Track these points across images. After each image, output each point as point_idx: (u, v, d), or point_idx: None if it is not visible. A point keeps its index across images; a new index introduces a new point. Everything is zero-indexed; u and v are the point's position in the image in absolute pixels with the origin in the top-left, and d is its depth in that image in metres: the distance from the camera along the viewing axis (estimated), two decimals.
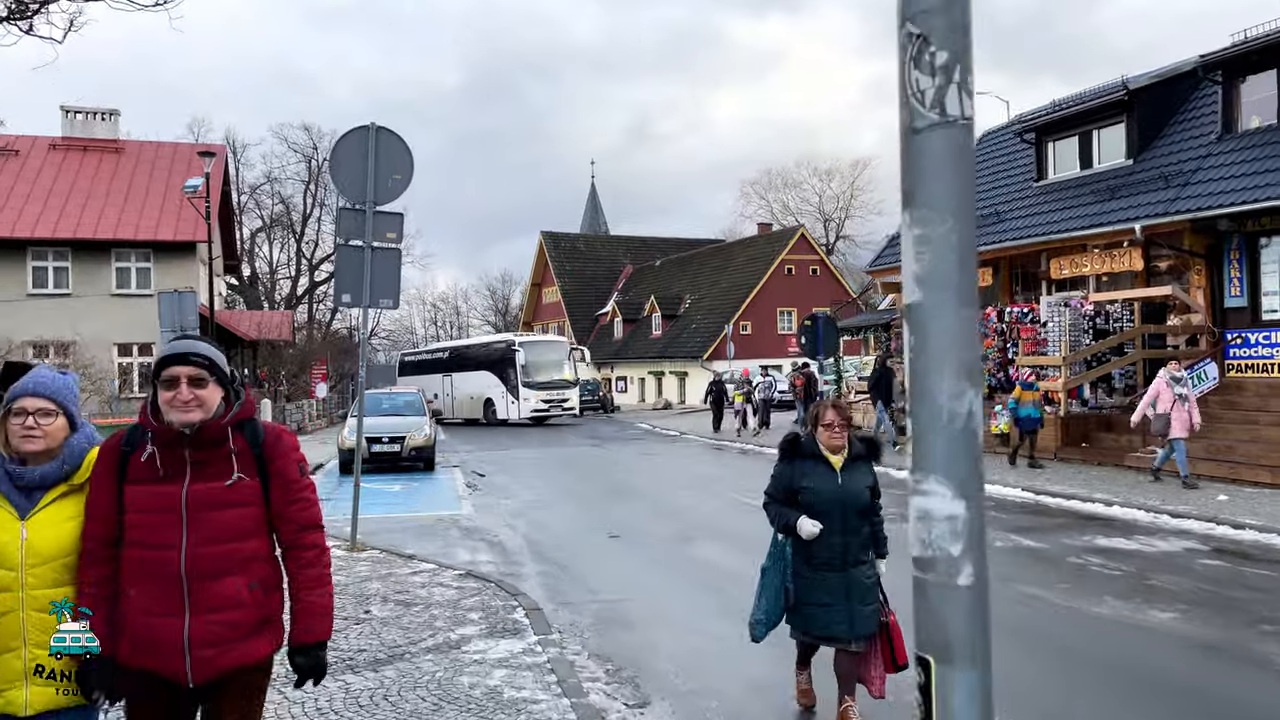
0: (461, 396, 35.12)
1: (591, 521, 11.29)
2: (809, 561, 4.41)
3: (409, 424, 17.69)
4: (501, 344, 34.83)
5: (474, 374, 34.38)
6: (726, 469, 17.26)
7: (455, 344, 42.13)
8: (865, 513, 4.47)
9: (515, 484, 15.47)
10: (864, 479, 4.47)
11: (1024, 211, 19.39)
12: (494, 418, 32.86)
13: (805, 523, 4.33)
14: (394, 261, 9.35)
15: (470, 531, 10.64)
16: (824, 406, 4.60)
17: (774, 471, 4.63)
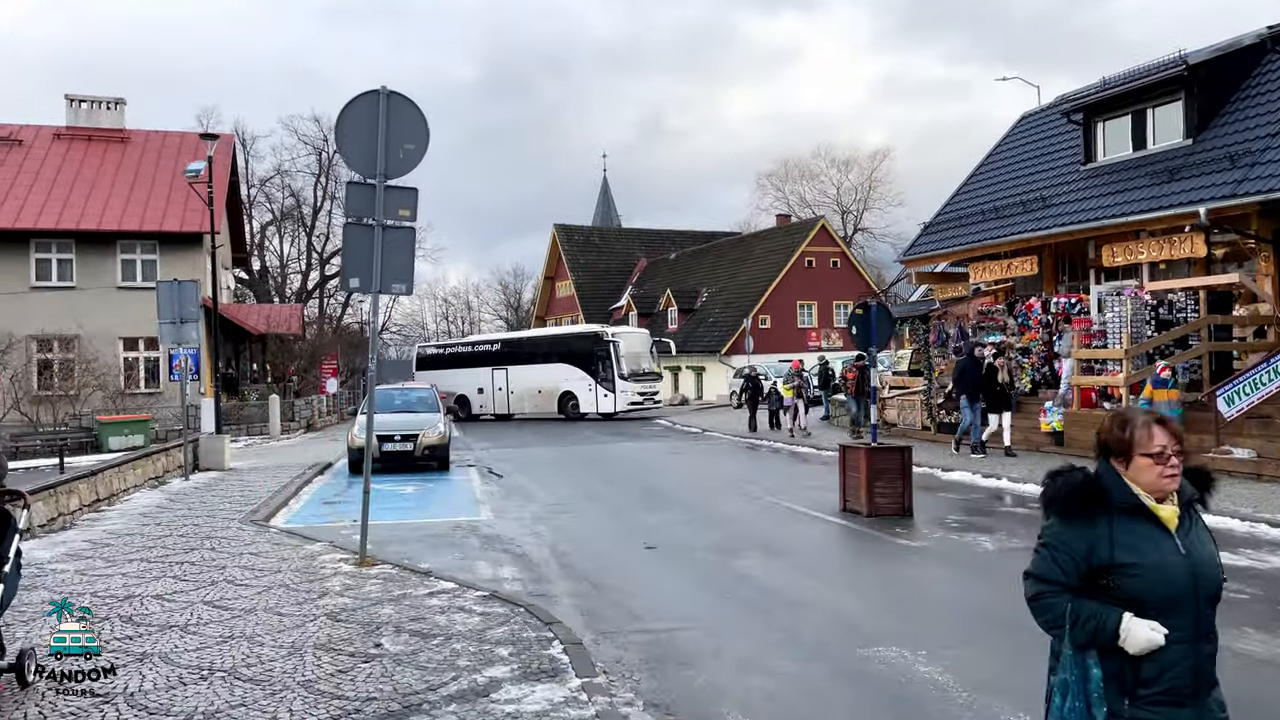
0: (524, 390, 33.39)
1: (623, 529, 10.32)
2: (1136, 691, 2.48)
3: (422, 421, 16.77)
4: (588, 334, 33.63)
5: (545, 367, 32.84)
6: (761, 470, 16.26)
7: (512, 335, 39.50)
8: (1216, 600, 2.58)
9: (535, 485, 14.52)
10: (1207, 541, 2.61)
11: (1071, 196, 18.28)
12: (574, 411, 31.74)
13: (1138, 628, 2.44)
14: (407, 242, 8.39)
15: (491, 541, 9.69)
16: (1143, 423, 2.59)
17: (1050, 538, 2.64)
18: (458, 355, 37.04)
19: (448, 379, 34.07)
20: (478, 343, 38.36)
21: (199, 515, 11.17)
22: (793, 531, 9.77)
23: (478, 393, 34.44)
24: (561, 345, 33.70)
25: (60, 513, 10.42)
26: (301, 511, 12.03)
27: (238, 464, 17.70)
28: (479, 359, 35.47)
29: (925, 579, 7.55)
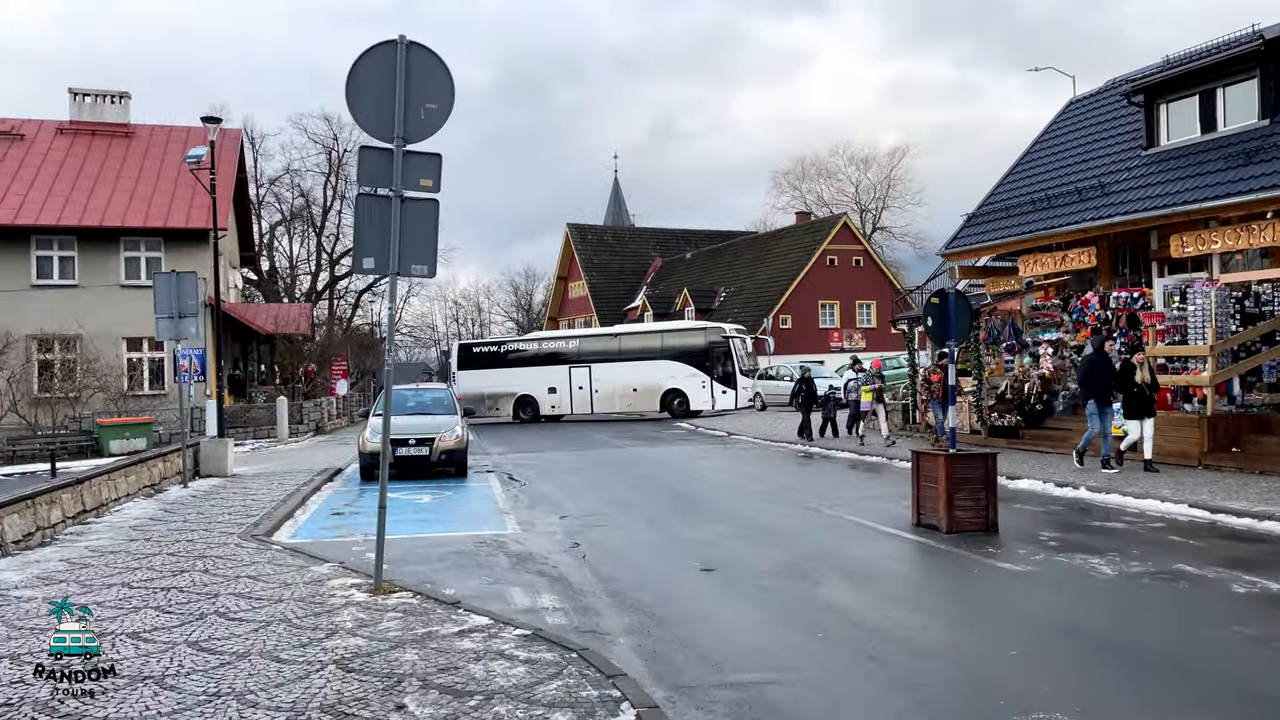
0: (614, 389, 31.89)
1: (667, 545, 9.15)
2: None
3: (439, 424, 15.64)
4: (706, 329, 32.59)
5: (644, 364, 31.45)
6: (807, 477, 15.07)
7: (598, 331, 37.28)
8: None
9: (560, 493, 13.37)
10: None
11: (1132, 183, 17.02)
12: (680, 410, 30.69)
13: None
14: (430, 216, 7.25)
15: (521, 560, 8.53)
16: None
17: None
18: (519, 353, 34.57)
19: (504, 378, 32.65)
20: (546, 339, 36.08)
21: (195, 529, 10.06)
22: (867, 550, 8.58)
23: (548, 392, 32.58)
24: (670, 341, 32.39)
25: (39, 526, 9.31)
26: (308, 524, 10.90)
27: (242, 469, 16.62)
28: (550, 357, 33.39)
29: (1048, 614, 6.34)
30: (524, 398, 32.75)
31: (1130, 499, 10.83)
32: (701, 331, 32.55)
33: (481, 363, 33.93)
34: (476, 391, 32.60)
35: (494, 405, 33.13)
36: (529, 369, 32.92)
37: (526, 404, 32.80)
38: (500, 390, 32.80)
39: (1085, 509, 10.64)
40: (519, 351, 34.34)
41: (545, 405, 32.69)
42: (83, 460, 22.55)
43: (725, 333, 31.68)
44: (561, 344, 34.24)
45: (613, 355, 32.41)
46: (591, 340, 34.34)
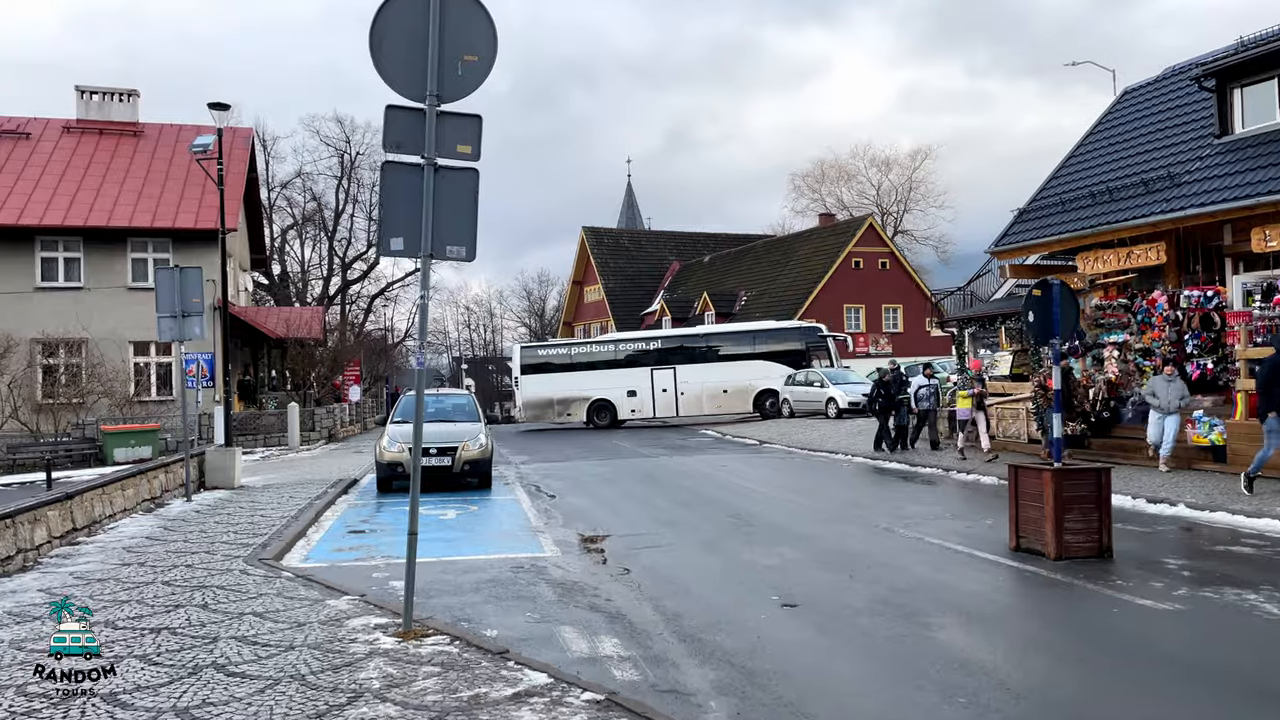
0: (702, 391, 30.77)
1: (732, 573, 8.00)
2: None
3: (461, 432, 14.54)
4: (803, 329, 31.71)
5: (735, 364, 30.42)
6: (862, 491, 13.90)
7: (683, 332, 35.38)
8: None
9: (598, 508, 12.24)
10: None
11: (1204, 173, 15.81)
12: (772, 410, 29.76)
13: None
14: (468, 189, 6.16)
15: (568, 590, 7.40)
16: None
17: None
18: (593, 355, 32.97)
19: (575, 382, 31.33)
20: (625, 340, 34.27)
21: (195, 550, 8.97)
22: (971, 582, 7.41)
23: (627, 396, 31.25)
24: (764, 341, 31.33)
25: (20, 548, 8.24)
26: (322, 545, 9.79)
27: (250, 480, 15.57)
28: (629, 359, 31.92)
29: (1234, 671, 5.15)
30: (600, 402, 31.32)
31: (1242, 518, 9.63)
32: (798, 331, 31.82)
33: (549, 367, 32.35)
34: (543, 397, 31.47)
35: (564, 411, 31.78)
36: (605, 372, 31.47)
37: (603, 409, 31.36)
38: (572, 395, 31.47)
39: (1193, 529, 9.44)
40: (593, 354, 32.91)
41: (624, 409, 31.32)
42: (85, 469, 21.55)
43: (822, 332, 31.00)
44: (642, 345, 32.74)
45: (700, 356, 31.24)
46: (676, 341, 32.98)
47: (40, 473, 20.09)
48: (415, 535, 5.88)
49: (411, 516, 5.88)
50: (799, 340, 31.11)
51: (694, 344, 32.28)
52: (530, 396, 31.69)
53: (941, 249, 60.73)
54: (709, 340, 32.34)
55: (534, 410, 31.81)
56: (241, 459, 15.14)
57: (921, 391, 17.80)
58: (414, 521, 5.89)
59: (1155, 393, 13.65)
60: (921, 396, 17.80)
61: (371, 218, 57.57)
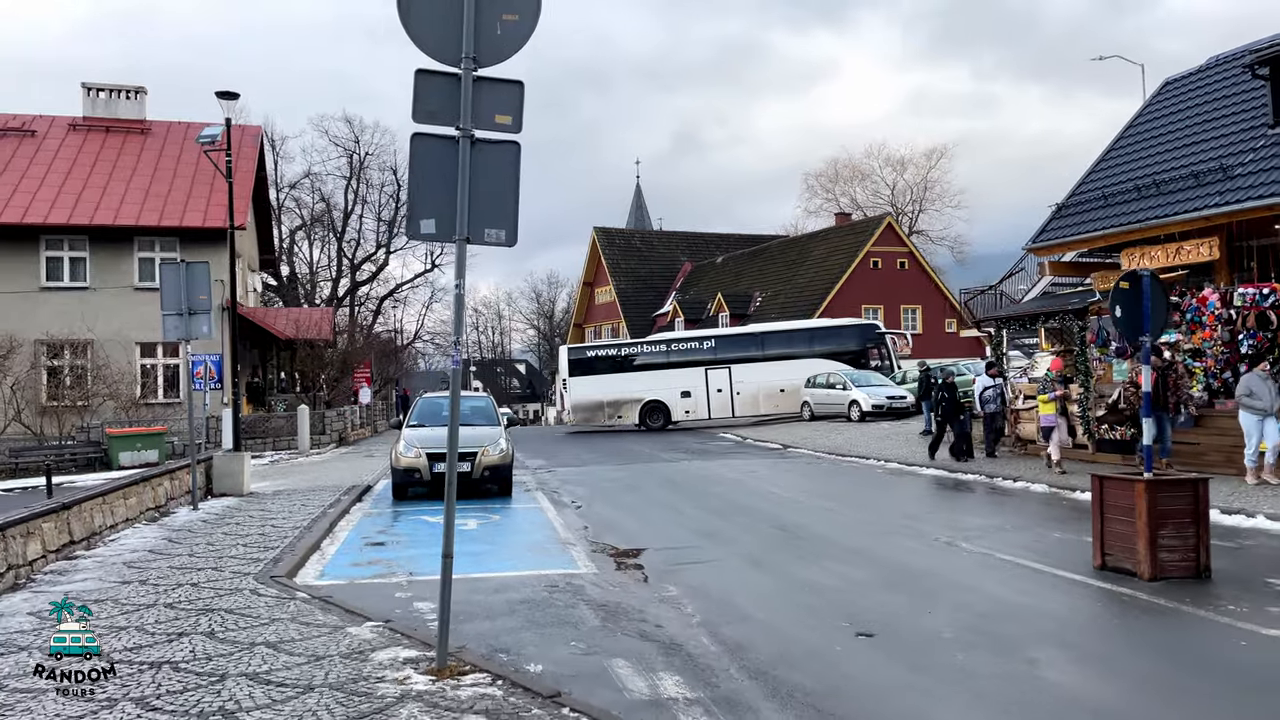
0: (758, 390, 30.01)
1: (791, 594, 7.27)
2: None
3: (481, 436, 13.83)
4: (860, 326, 31.03)
5: (791, 363, 29.51)
6: (903, 499, 13.14)
7: (737, 331, 34.34)
8: None
9: (627, 518, 11.53)
10: None
11: (1260, 164, 15.04)
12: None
13: None
14: (508, 164, 5.46)
15: (611, 614, 6.69)
16: None
17: None
18: (645, 356, 31.87)
19: (627, 384, 30.55)
20: (679, 340, 33.07)
21: (202, 565, 8.28)
22: (1063, 606, 6.67)
23: (681, 397, 30.48)
24: (820, 339, 30.53)
25: (10, 565, 7.56)
26: (339, 559, 9.09)
27: (260, 485, 14.89)
28: (682, 359, 31.02)
29: None
30: (653, 404, 30.54)
31: None
32: (856, 329, 31.10)
33: (599, 368, 31.40)
34: (593, 399, 30.71)
35: (616, 413, 30.95)
36: (658, 373, 30.69)
37: (656, 410, 30.57)
38: (624, 397, 30.67)
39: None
40: (645, 354, 31.94)
41: (678, 410, 30.53)
42: (90, 474, 20.93)
43: (880, 329, 30.28)
44: (695, 344, 31.83)
45: (755, 355, 30.43)
46: (731, 340, 32.17)
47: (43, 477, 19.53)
48: (450, 558, 5.17)
49: (446, 536, 5.18)
50: (856, 338, 30.38)
51: (749, 343, 31.47)
52: (579, 399, 30.81)
53: (957, 249, 59.99)
54: (764, 339, 31.50)
55: (583, 413, 30.99)
56: (251, 464, 14.46)
57: (988, 393, 15.75)
58: (449, 541, 5.19)
59: (1252, 391, 11.96)
60: (988, 399, 15.76)
61: (380, 218, 57.02)
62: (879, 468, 16.84)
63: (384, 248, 56.81)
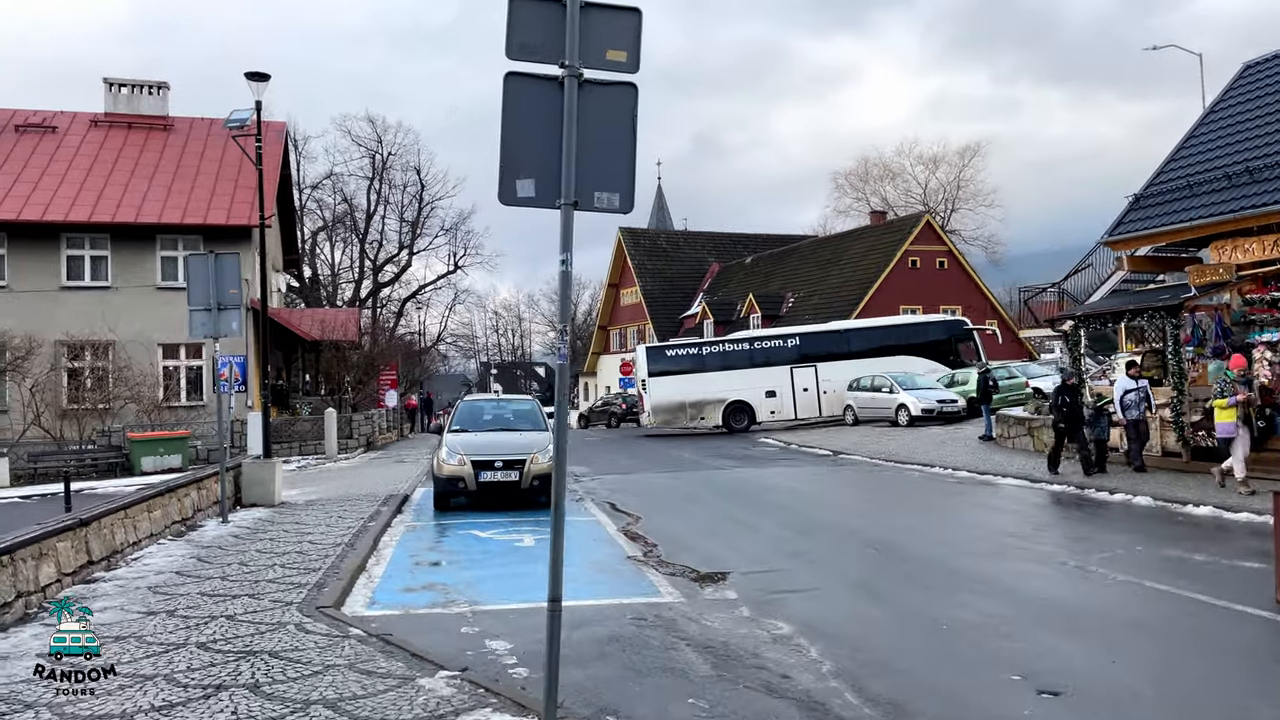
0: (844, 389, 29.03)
1: (927, 633, 6.17)
2: None
3: (528, 442, 12.81)
4: (947, 323, 30.10)
5: (876, 361, 28.20)
6: (1001, 513, 12.01)
7: (820, 328, 32.61)
8: None
9: (697, 534, 10.46)
10: None
11: None
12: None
13: None
14: (623, 112, 4.42)
15: (723, 659, 5.62)
16: None
17: None
18: (726, 354, 30.30)
19: (708, 384, 29.32)
20: (761, 338, 31.67)
21: (237, 592, 7.29)
22: (1270, 652, 5.54)
23: (766, 396, 29.25)
24: (906, 335, 29.48)
25: (21, 591, 6.59)
26: (388, 583, 8.06)
27: (290, 494, 13.94)
28: (764, 358, 29.72)
29: None
30: (736, 404, 29.30)
31: None
32: (942, 324, 30.16)
33: (679, 368, 30.06)
34: (674, 400, 29.47)
35: (698, 414, 29.71)
36: (741, 372, 29.38)
37: (740, 411, 29.34)
38: (706, 397, 29.42)
39: None
40: (727, 353, 30.56)
41: (763, 411, 29.31)
42: (111, 480, 20.09)
43: (967, 325, 29.37)
44: (779, 342, 30.52)
45: (840, 353, 29.19)
46: (816, 337, 30.82)
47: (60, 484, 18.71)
48: (559, 604, 4.13)
49: (553, 576, 4.13)
50: (943, 334, 29.40)
51: (834, 340, 30.15)
52: (659, 400, 29.53)
53: (991, 249, 58.57)
54: (849, 336, 30.16)
55: (664, 415, 29.73)
56: (282, 472, 13.51)
57: (1129, 398, 13.67)
58: (556, 584, 4.14)
59: None
60: (1130, 404, 13.67)
61: (403, 219, 56.35)
62: (949, 477, 15.68)
63: (406, 249, 56.11)
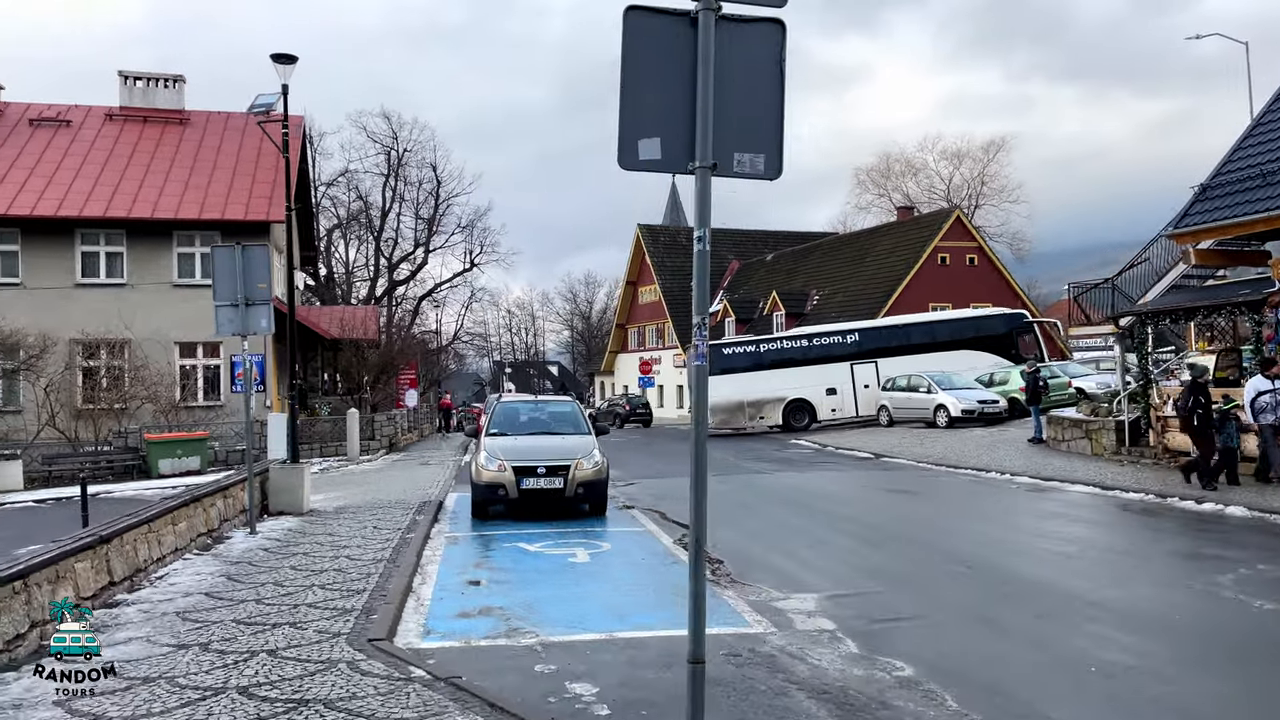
0: None
1: (1092, 681, 5.33)
2: None
3: (572, 446, 12.01)
4: (999, 316, 29.39)
5: (937, 355, 27.49)
6: (1086, 524, 11.15)
7: (879, 323, 31.81)
8: None
9: (762, 548, 9.65)
10: None
11: None
12: None
13: None
14: (769, 55, 3.61)
15: (847, 708, 4.83)
16: None
17: None
18: (785, 351, 29.61)
19: (768, 382, 28.62)
20: (818, 335, 30.66)
21: (276, 619, 6.51)
22: None
23: (826, 394, 28.56)
24: (965, 329, 28.74)
25: (35, 621, 5.83)
26: (439, 606, 7.26)
27: (317, 500, 13.19)
28: (824, 354, 29.00)
29: None
30: (796, 403, 28.55)
31: None
32: (1004, 317, 29.27)
33: (738, 365, 29.20)
34: (734, 399, 28.71)
35: (757, 414, 29.00)
36: (800, 369, 28.60)
37: (800, 409, 28.59)
38: (765, 396, 28.73)
39: None
40: (785, 350, 29.73)
41: (824, 409, 28.51)
42: (128, 483, 19.44)
43: (1027, 318, 28.80)
44: (838, 338, 29.59)
45: (900, 347, 28.29)
46: (875, 332, 29.97)
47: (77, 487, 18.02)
48: (702, 666, 3.33)
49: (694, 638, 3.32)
50: (1004, 327, 28.54)
51: (892, 335, 29.28)
52: (719, 399, 28.50)
53: (1016, 245, 57.50)
54: (909, 331, 29.34)
55: (723, 414, 28.91)
56: (310, 477, 12.76)
57: (1264, 400, 11.89)
58: (698, 644, 3.34)
59: None
60: (1263, 407, 11.91)
61: (419, 216, 55.71)
62: (1009, 483, 14.81)
63: (422, 246, 55.48)
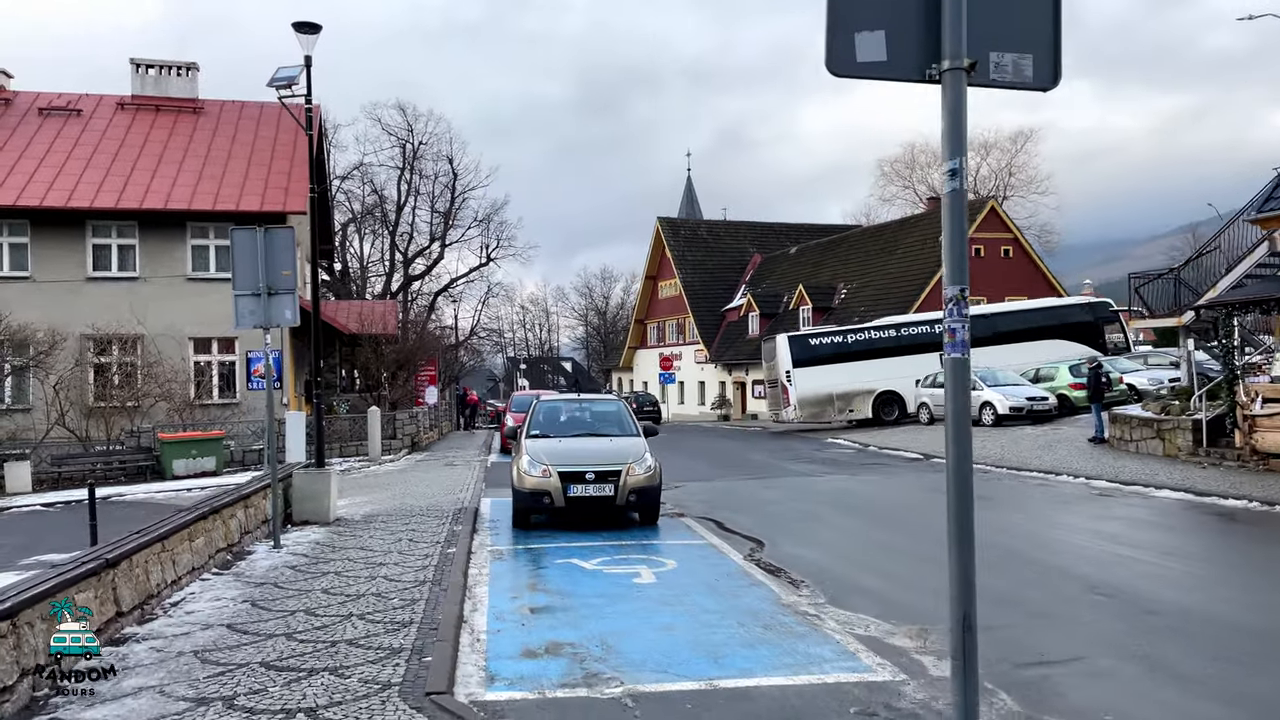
0: None
1: None
2: None
3: (622, 450, 10.97)
4: (1084, 305, 28.93)
5: (1022, 346, 26.78)
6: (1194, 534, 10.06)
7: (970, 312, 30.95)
8: None
9: (840, 564, 8.60)
10: None
11: None
12: None
13: None
14: None
15: None
16: None
17: None
18: (873, 341, 28.59)
19: (856, 374, 27.80)
20: (906, 325, 29.38)
21: (311, 662, 5.49)
22: None
23: (915, 385, 27.70)
24: (1050, 318, 28.12)
25: (24, 669, 4.83)
26: (500, 643, 6.22)
27: (343, 507, 12.21)
28: (913, 345, 27.92)
29: None
30: (886, 395, 27.75)
31: None
32: (1088, 306, 28.86)
33: (825, 357, 28.39)
34: (821, 393, 27.99)
35: (846, 406, 28.23)
36: (888, 360, 27.73)
37: (890, 402, 27.81)
38: (854, 388, 27.92)
39: None
40: (873, 340, 28.72)
41: (913, 401, 27.61)
42: (140, 484, 18.55)
43: (1112, 307, 28.16)
44: (926, 328, 28.35)
45: (987, 337, 27.07)
46: None
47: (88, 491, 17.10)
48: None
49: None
50: (1089, 316, 28.03)
51: (980, 325, 28.12)
52: (806, 393, 27.94)
53: (1045, 238, 56.19)
54: (995, 320, 28.24)
55: (811, 407, 28.18)
56: (337, 483, 11.76)
57: None
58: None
59: None
60: None
61: (435, 209, 54.77)
62: (1087, 488, 13.71)
63: (438, 240, 54.58)
